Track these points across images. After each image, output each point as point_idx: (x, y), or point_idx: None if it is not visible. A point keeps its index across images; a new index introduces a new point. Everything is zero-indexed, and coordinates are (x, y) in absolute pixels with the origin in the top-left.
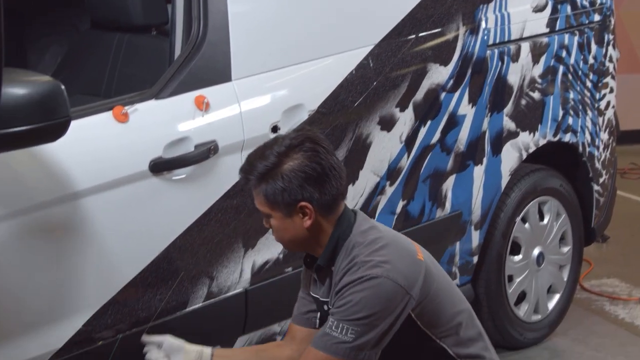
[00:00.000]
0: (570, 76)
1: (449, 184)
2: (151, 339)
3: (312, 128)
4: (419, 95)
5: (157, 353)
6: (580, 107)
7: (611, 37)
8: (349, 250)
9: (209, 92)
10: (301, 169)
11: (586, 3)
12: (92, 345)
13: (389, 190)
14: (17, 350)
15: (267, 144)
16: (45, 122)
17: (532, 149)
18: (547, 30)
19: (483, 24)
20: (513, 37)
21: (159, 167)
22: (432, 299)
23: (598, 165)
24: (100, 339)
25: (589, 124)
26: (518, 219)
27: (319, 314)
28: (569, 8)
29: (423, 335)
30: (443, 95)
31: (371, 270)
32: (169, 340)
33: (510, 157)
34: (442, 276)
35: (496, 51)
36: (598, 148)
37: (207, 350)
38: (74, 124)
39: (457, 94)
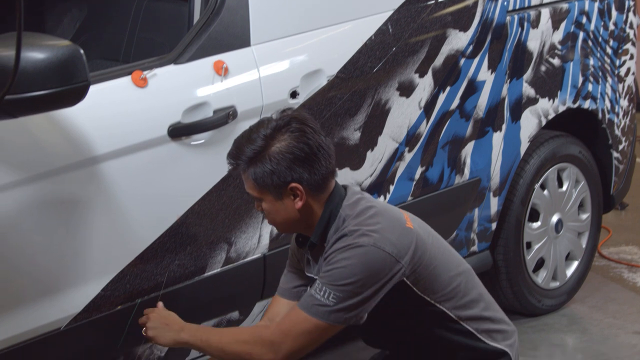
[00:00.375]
0: (590, 42)
1: (467, 150)
2: None
3: (297, 109)
4: (438, 61)
5: None
6: (600, 73)
7: (632, 3)
8: (339, 225)
9: (228, 57)
10: (289, 150)
11: None
12: (111, 309)
13: (408, 156)
14: (37, 314)
15: (252, 128)
16: (64, 87)
17: (552, 115)
18: None
19: None
20: (533, 3)
21: (178, 132)
22: (427, 266)
23: (617, 132)
24: (119, 304)
25: (608, 90)
26: (537, 186)
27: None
28: None
29: (421, 301)
30: (462, 61)
31: (359, 238)
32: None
33: (529, 123)
34: (436, 242)
35: (516, 17)
36: (617, 115)
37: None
38: (93, 89)
39: (476, 60)
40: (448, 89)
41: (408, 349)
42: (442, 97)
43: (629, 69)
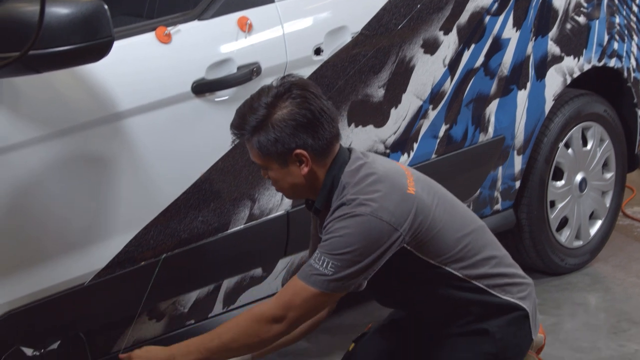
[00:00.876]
0: (616, 0)
1: (492, 109)
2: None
3: (296, 74)
4: (463, 18)
5: None
6: (626, 32)
7: None
8: (340, 192)
9: (252, 14)
10: (291, 117)
11: None
12: (135, 265)
13: (432, 114)
14: (61, 269)
15: (254, 96)
16: (88, 42)
17: (577, 73)
18: None
19: None
20: None
21: (202, 88)
22: (429, 230)
23: None
24: (143, 259)
25: (634, 49)
26: (561, 145)
27: None
28: None
29: (425, 264)
30: (487, 18)
31: (357, 207)
32: None
33: (554, 81)
34: (442, 204)
35: None
36: None
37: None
38: (117, 45)
39: (501, 18)
40: (473, 46)
41: (421, 307)
42: (466, 55)
43: None
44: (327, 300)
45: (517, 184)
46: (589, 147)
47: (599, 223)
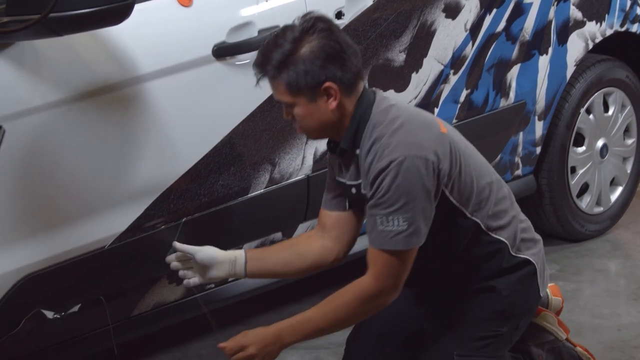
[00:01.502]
0: None
1: (513, 74)
2: (182, 248)
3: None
4: None
5: (189, 272)
6: None
7: None
8: (370, 131)
9: None
10: (320, 49)
11: None
12: (155, 229)
13: (453, 78)
14: (82, 232)
15: (277, 34)
16: (109, 5)
17: (599, 39)
18: None
19: None
20: None
21: (222, 51)
22: (462, 172)
23: None
24: (163, 223)
25: None
26: (582, 110)
27: (347, 198)
28: None
29: (456, 212)
30: None
31: (396, 152)
32: (199, 254)
33: (576, 47)
34: (469, 148)
35: None
36: None
37: (240, 256)
38: (138, 7)
39: None
40: (494, 11)
41: (438, 263)
42: (488, 19)
43: None
44: (414, 255)
45: (538, 149)
46: (610, 113)
47: (619, 189)
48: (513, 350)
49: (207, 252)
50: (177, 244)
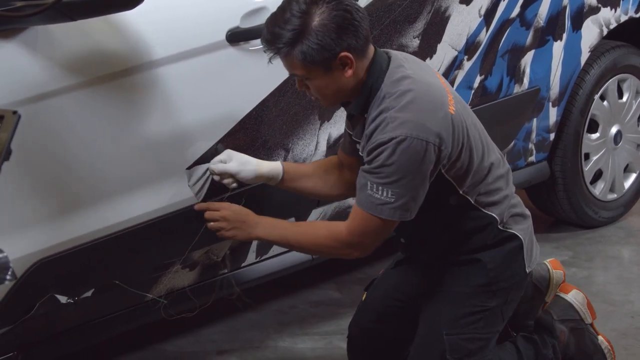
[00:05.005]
0: None
1: (527, 60)
2: (218, 158)
3: None
4: None
5: (227, 164)
6: None
7: None
8: (380, 100)
9: None
10: (332, 20)
11: None
12: (168, 214)
13: (467, 64)
14: (95, 217)
15: (283, 7)
16: None
17: (613, 25)
18: None
19: None
20: None
21: (236, 37)
22: (462, 153)
23: None
24: (176, 209)
25: None
26: (596, 97)
27: None
28: None
29: (450, 189)
30: None
31: (400, 129)
32: (238, 154)
33: (590, 33)
34: (476, 127)
35: None
36: None
37: (277, 163)
38: None
39: None
40: None
41: (422, 234)
42: (502, 5)
43: None
44: (393, 226)
45: (552, 136)
46: (624, 99)
47: (633, 176)
48: (536, 328)
49: (248, 169)
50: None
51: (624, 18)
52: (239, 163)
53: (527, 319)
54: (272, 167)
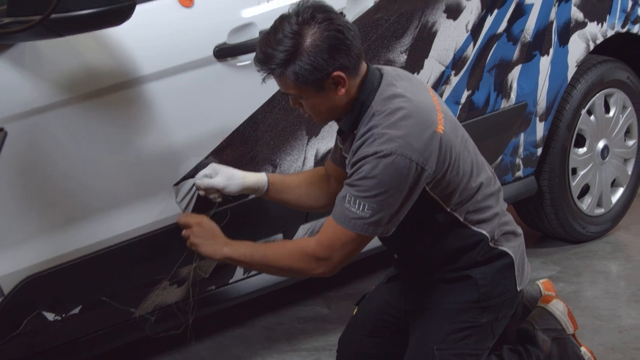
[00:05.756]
0: None
1: (514, 75)
2: (204, 172)
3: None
4: None
5: (213, 179)
6: None
7: None
8: (369, 117)
9: None
10: (324, 41)
11: None
12: (157, 231)
13: (454, 79)
14: (83, 234)
15: (275, 27)
16: (111, 6)
17: (600, 40)
18: None
19: None
20: None
21: (224, 52)
22: (449, 172)
23: None
24: (164, 226)
25: None
26: (583, 111)
27: None
28: None
29: (436, 206)
30: None
31: (386, 145)
32: (223, 168)
33: (577, 48)
34: (466, 146)
35: None
36: None
37: (262, 175)
38: (139, 8)
39: None
40: (495, 11)
41: (412, 251)
42: (489, 20)
43: None
44: (366, 242)
45: (539, 150)
46: (611, 114)
47: (620, 190)
48: (518, 338)
49: (234, 184)
50: (203, 181)
51: (610, 33)
52: (226, 177)
53: (512, 334)
54: (257, 178)
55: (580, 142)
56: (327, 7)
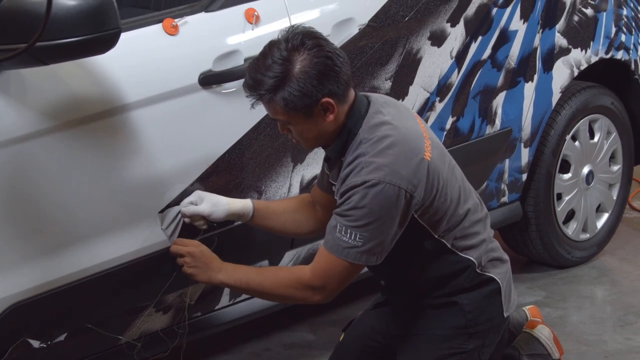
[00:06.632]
0: None
1: (499, 101)
2: (189, 199)
3: (300, 25)
4: (470, 10)
5: (198, 206)
6: (633, 24)
7: None
8: (356, 145)
9: (259, 5)
10: (313, 67)
11: None
12: (142, 257)
13: (439, 106)
14: (68, 261)
15: (264, 53)
16: (95, 34)
17: (584, 66)
18: None
19: None
20: None
21: (209, 80)
22: (436, 199)
23: None
24: (149, 252)
25: None
26: (568, 137)
27: None
28: None
29: (424, 233)
30: (494, 10)
31: (373, 174)
32: (208, 195)
33: (561, 74)
34: (453, 173)
35: None
36: None
37: (248, 201)
38: (124, 36)
39: (508, 10)
40: (480, 38)
41: (400, 277)
42: (473, 47)
43: None
44: (360, 269)
45: (524, 176)
46: (596, 139)
47: (605, 216)
48: None
49: (220, 210)
50: (189, 208)
51: (594, 59)
52: (211, 204)
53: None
54: (242, 205)
55: (565, 167)
56: (317, 34)
